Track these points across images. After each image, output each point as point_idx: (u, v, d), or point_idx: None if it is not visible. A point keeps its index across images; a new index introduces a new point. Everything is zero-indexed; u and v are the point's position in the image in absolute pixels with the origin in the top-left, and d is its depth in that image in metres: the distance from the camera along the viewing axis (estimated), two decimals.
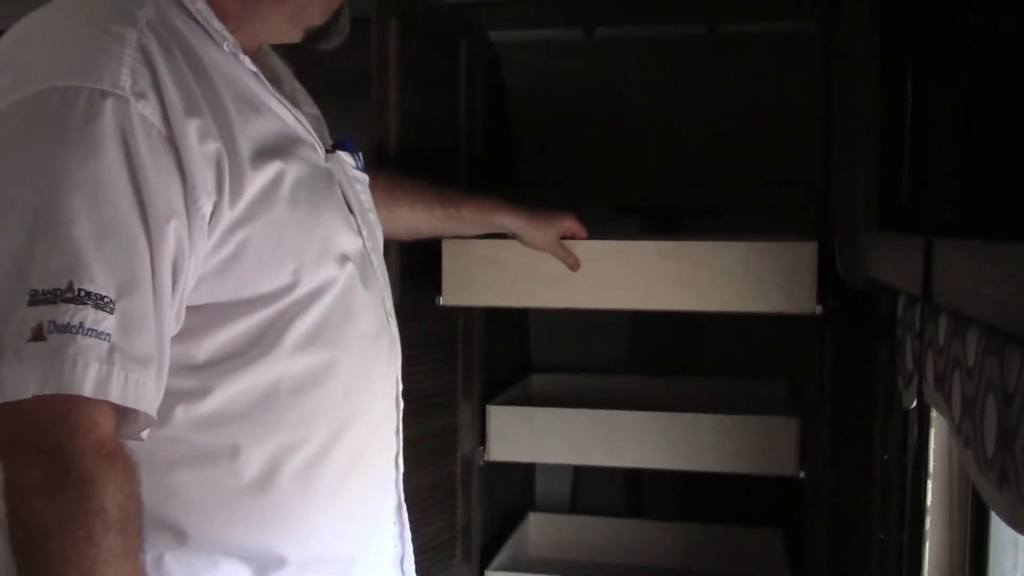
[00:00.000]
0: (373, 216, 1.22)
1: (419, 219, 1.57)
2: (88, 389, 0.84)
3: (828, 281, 1.75)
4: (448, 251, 1.79)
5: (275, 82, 1.10)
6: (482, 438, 2.03)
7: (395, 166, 1.76)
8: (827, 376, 1.83)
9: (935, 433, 1.27)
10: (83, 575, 0.85)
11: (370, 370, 1.12)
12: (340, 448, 1.07)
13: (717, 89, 2.40)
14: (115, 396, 0.86)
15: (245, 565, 1.02)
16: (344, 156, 1.18)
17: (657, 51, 2.43)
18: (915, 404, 1.23)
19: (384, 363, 1.16)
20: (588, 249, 1.72)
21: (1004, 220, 0.84)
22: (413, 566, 1.27)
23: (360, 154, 1.24)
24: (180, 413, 0.98)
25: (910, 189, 1.15)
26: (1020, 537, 1.19)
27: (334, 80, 1.34)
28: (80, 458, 0.85)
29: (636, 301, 1.75)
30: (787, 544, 2.20)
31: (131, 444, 0.91)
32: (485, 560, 2.08)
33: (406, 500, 1.23)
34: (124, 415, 0.90)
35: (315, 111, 1.19)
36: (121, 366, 0.86)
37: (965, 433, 0.92)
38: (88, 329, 0.84)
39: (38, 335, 0.83)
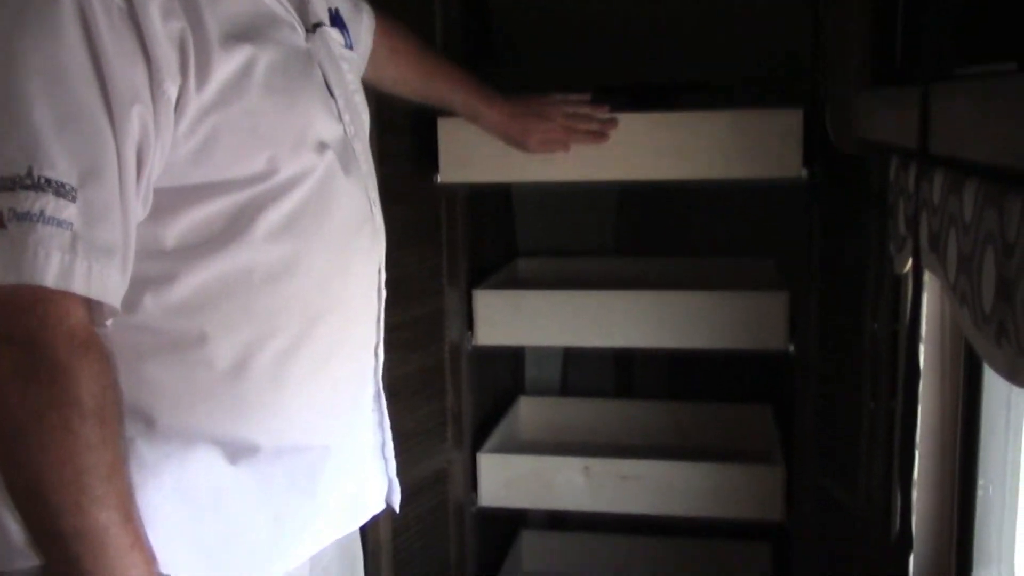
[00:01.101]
0: (359, 98, 1.18)
1: (411, 86, 1.59)
2: (50, 279, 0.82)
3: (817, 150, 1.73)
4: (444, 129, 1.81)
5: None
6: (470, 323, 2.01)
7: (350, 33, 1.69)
8: (816, 249, 1.81)
9: (927, 297, 1.25)
10: (61, 464, 0.84)
11: (349, 262, 1.09)
12: (314, 340, 1.05)
13: None
14: (79, 287, 0.84)
15: (218, 450, 1.00)
16: (332, 33, 1.14)
17: None
18: (908, 268, 1.21)
19: (365, 254, 1.13)
20: None
21: (1000, 61, 0.80)
22: (393, 452, 1.26)
23: (349, 31, 1.20)
24: (149, 300, 0.95)
25: (904, 41, 1.10)
26: (1012, 398, 1.18)
27: None
28: (53, 348, 0.84)
29: (626, 172, 1.79)
30: (777, 419, 2.21)
31: (101, 332, 0.90)
32: (476, 444, 2.08)
33: (395, 386, 1.23)
34: (90, 304, 0.88)
35: None
36: (84, 256, 0.84)
37: (961, 291, 0.90)
38: (49, 217, 0.82)
39: None
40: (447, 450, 2.00)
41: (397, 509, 1.29)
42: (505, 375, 2.47)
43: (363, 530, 1.27)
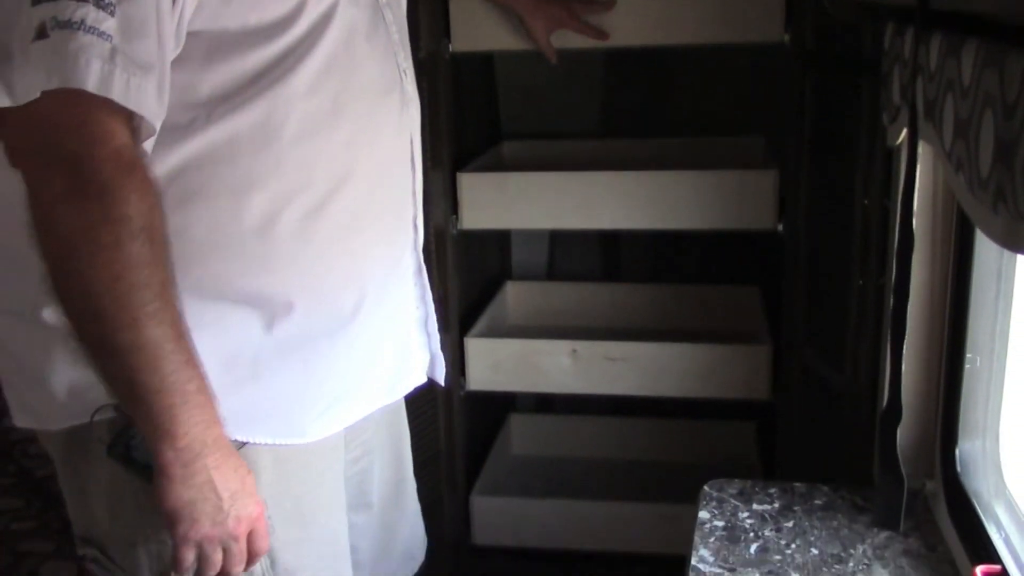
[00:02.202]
0: None
1: None
2: (92, 84, 0.84)
3: (809, 19, 1.69)
4: (455, 3, 1.89)
5: None
6: (454, 207, 1.98)
7: None
8: (807, 124, 1.78)
9: (919, 170, 1.23)
10: (114, 280, 0.87)
11: (377, 124, 1.12)
12: (342, 199, 1.08)
13: None
14: (117, 95, 0.85)
15: (253, 312, 1.04)
16: None
17: None
18: (901, 139, 1.18)
19: (394, 120, 1.15)
20: None
21: None
22: (436, 327, 1.30)
23: None
24: (179, 149, 0.97)
25: None
26: (1003, 269, 1.17)
27: None
28: (101, 167, 0.86)
29: (619, 38, 1.85)
30: (765, 300, 2.21)
31: None
32: (464, 328, 2.08)
33: None
34: (132, 128, 0.90)
35: None
36: (123, 67, 0.86)
37: (957, 157, 0.88)
38: (90, 27, 0.84)
39: (41, 33, 0.83)
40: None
41: (442, 383, 1.34)
42: (491, 260, 2.46)
43: None
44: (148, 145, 0.92)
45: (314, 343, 1.08)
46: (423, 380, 1.30)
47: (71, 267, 0.87)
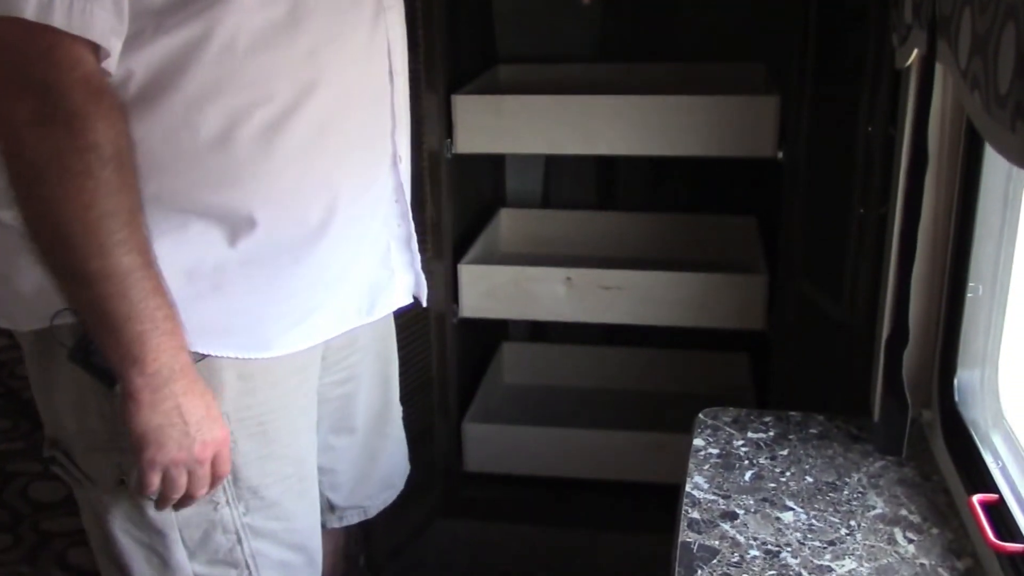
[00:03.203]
0: None
1: None
2: (30, 12, 0.83)
3: None
4: None
5: None
6: (449, 130, 1.94)
7: None
8: (811, 50, 1.73)
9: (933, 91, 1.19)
10: (85, 208, 0.87)
11: (344, 35, 1.07)
12: (306, 111, 1.04)
13: None
14: (58, 21, 0.84)
15: (215, 225, 1.02)
16: None
17: None
18: (911, 61, 1.15)
19: (366, 30, 1.10)
20: None
21: None
22: (418, 246, 1.27)
23: None
24: (130, 59, 0.94)
25: None
26: (1010, 195, 1.14)
27: None
28: (69, 94, 0.85)
29: None
30: (762, 230, 2.19)
31: None
32: (457, 255, 2.05)
33: None
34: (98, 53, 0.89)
35: None
36: None
37: (973, 74, 0.85)
38: None
39: None
40: (427, 260, 1.95)
41: (424, 303, 1.31)
42: (485, 186, 2.42)
43: None
44: (111, 64, 0.91)
45: (278, 258, 1.06)
46: (407, 301, 1.28)
47: (39, 194, 0.86)
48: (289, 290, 1.08)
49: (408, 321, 1.92)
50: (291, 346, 1.10)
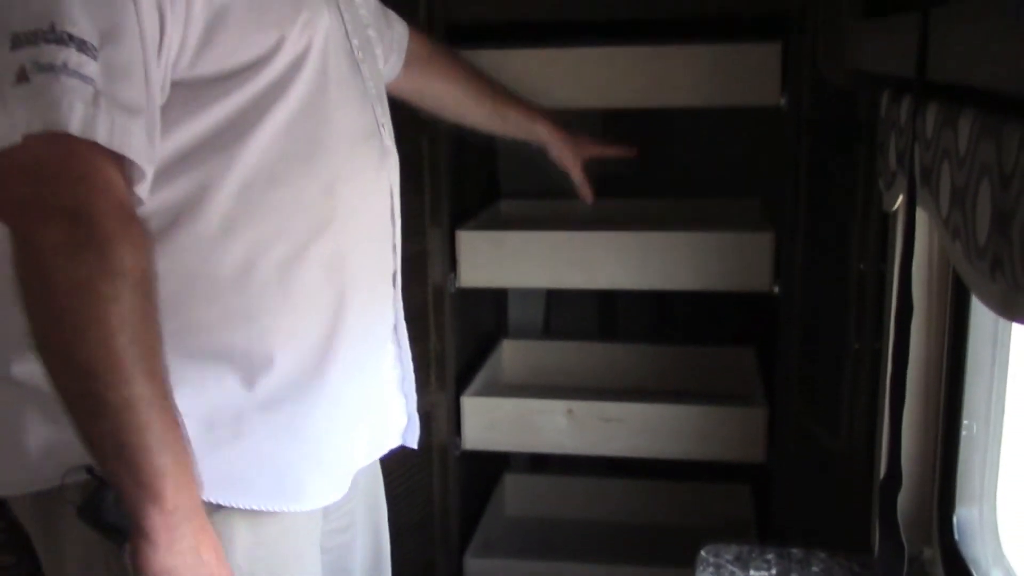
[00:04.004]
0: (372, 34, 1.22)
1: (459, 100, 1.62)
2: (75, 126, 0.82)
3: (805, 84, 1.71)
4: None
5: None
6: (453, 264, 1.99)
7: None
8: (802, 187, 1.79)
9: (916, 237, 1.23)
10: (111, 334, 0.85)
11: (356, 174, 1.11)
12: (321, 247, 1.06)
13: None
14: (102, 138, 0.84)
15: (233, 367, 1.01)
16: None
17: None
18: (897, 205, 1.19)
19: (373, 171, 1.14)
20: (578, 56, 1.89)
21: None
22: (413, 387, 1.27)
23: None
24: (156, 194, 0.95)
25: None
26: (998, 336, 1.17)
27: None
28: (103, 219, 0.84)
29: (610, 101, 1.92)
30: (761, 361, 2.21)
31: None
32: (460, 386, 2.07)
33: None
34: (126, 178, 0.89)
35: None
36: (107, 111, 0.85)
37: (954, 225, 0.89)
38: (72, 70, 0.83)
39: (22, 77, 0.82)
40: (431, 393, 1.98)
41: (415, 446, 1.30)
42: (488, 317, 2.46)
43: None
44: (143, 191, 0.91)
45: (294, 399, 1.05)
46: (397, 443, 1.27)
47: (66, 321, 0.84)
48: (306, 434, 1.06)
49: (409, 455, 1.92)
50: (310, 499, 1.08)
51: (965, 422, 1.21)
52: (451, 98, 1.59)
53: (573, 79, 1.88)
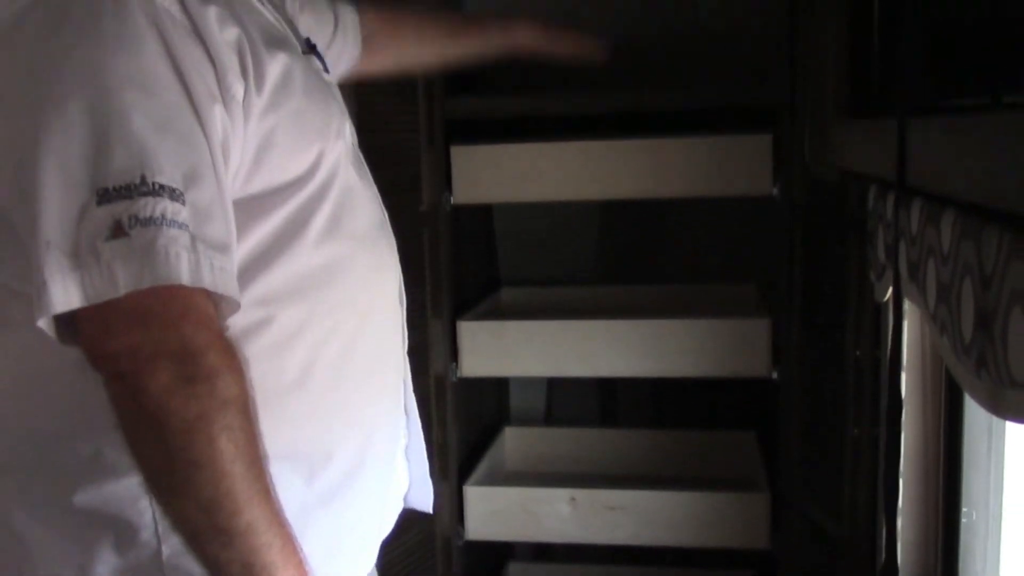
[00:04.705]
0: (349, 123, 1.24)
1: (434, 51, 1.63)
2: (186, 278, 0.84)
3: (797, 173, 1.76)
4: (456, 157, 1.97)
5: None
6: (454, 354, 2.01)
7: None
8: (797, 274, 1.83)
9: (907, 325, 1.26)
10: (231, 461, 0.86)
11: (381, 261, 1.15)
12: (366, 338, 1.09)
13: None
14: (208, 283, 0.85)
15: (294, 466, 1.02)
16: (314, 60, 1.20)
17: None
18: (888, 297, 1.22)
19: (389, 257, 1.18)
20: (574, 149, 1.95)
21: (976, 94, 0.81)
22: (424, 453, 1.30)
23: (324, 60, 1.25)
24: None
25: (881, 72, 1.11)
26: (993, 425, 1.19)
27: None
28: (207, 353, 0.85)
29: (608, 192, 1.97)
30: (762, 445, 2.21)
31: None
32: (463, 476, 2.07)
33: None
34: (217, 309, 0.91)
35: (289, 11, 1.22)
36: (205, 254, 0.86)
37: (941, 320, 0.91)
38: (170, 220, 0.84)
39: (118, 232, 0.82)
40: (434, 483, 1.98)
41: (429, 510, 1.33)
42: (490, 404, 2.47)
43: None
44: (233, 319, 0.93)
45: (347, 488, 1.08)
46: (400, 507, 1.29)
47: (184, 459, 0.85)
48: (353, 520, 1.09)
49: (412, 546, 1.93)
50: (359, 570, 1.12)
51: (964, 509, 1.22)
52: (428, 48, 1.62)
53: (570, 172, 1.93)
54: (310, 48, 1.18)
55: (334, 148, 1.06)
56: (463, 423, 2.10)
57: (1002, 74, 0.74)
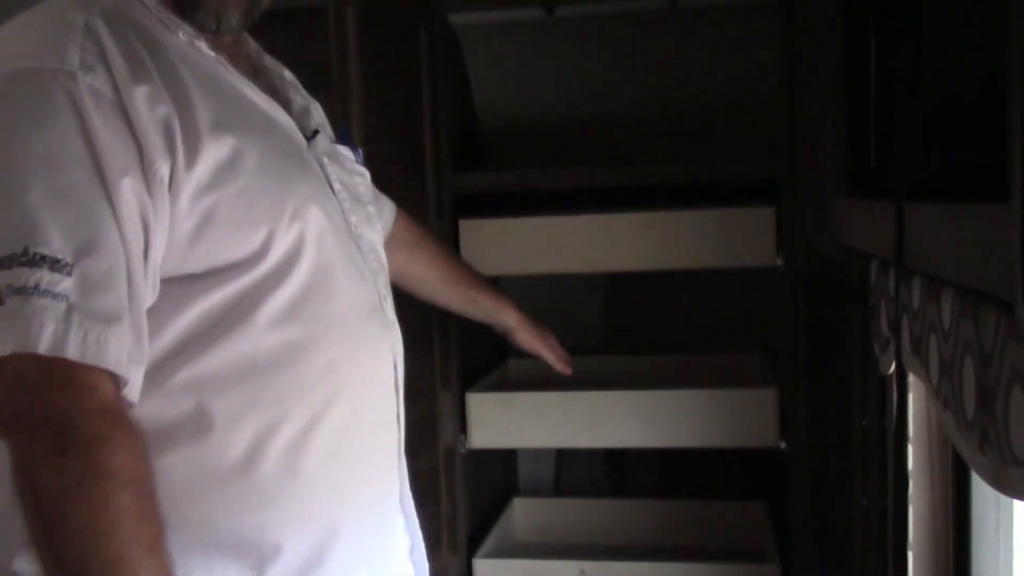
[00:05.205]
0: (372, 209, 1.23)
1: (436, 284, 1.65)
2: (44, 346, 0.84)
3: (800, 244, 1.78)
4: (465, 230, 2.04)
5: (254, 71, 1.13)
6: (463, 426, 2.02)
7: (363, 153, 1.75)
8: (802, 344, 1.84)
9: (913, 397, 1.27)
10: (106, 537, 0.85)
11: (358, 350, 1.10)
12: (325, 428, 1.05)
13: (680, 63, 2.39)
14: (72, 353, 0.86)
15: (240, 558, 1.00)
16: (343, 150, 1.20)
17: (619, 27, 2.42)
18: (892, 370, 1.23)
19: (375, 345, 1.14)
20: (581, 223, 2.00)
21: (972, 177, 0.84)
22: (424, 555, 1.25)
23: (360, 150, 1.26)
24: (153, 391, 0.96)
25: (877, 151, 1.14)
26: (1001, 497, 1.19)
27: (294, 68, 1.34)
28: (86, 422, 0.86)
29: (617, 264, 2.02)
30: (771, 515, 2.21)
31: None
32: (472, 548, 2.07)
33: None
34: (116, 381, 0.90)
35: (303, 101, 1.21)
36: (79, 324, 0.86)
37: (944, 396, 0.92)
38: (44, 290, 0.85)
39: None
40: (443, 556, 1.98)
41: None
42: (498, 475, 2.47)
43: None
44: (132, 392, 0.92)
45: None
46: None
47: (58, 527, 0.85)
48: None
49: None
50: None
51: None
52: (428, 282, 1.63)
53: (576, 246, 1.97)
54: (342, 140, 1.20)
55: (289, 230, 1.02)
56: (472, 495, 2.10)
57: (993, 161, 0.77)
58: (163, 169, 0.93)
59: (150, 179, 0.93)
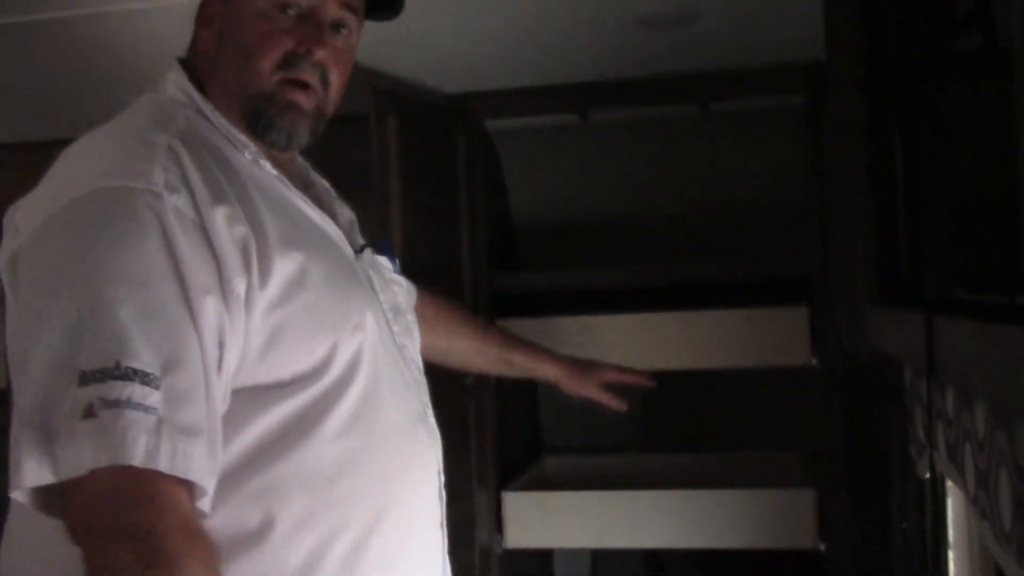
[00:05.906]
0: (411, 318, 1.27)
1: (466, 352, 1.65)
2: (138, 459, 0.86)
3: (834, 345, 1.79)
4: None
5: (305, 186, 1.18)
6: (499, 526, 2.02)
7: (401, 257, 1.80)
8: (841, 445, 1.83)
9: (952, 501, 1.26)
10: None
11: (407, 459, 1.13)
12: (381, 535, 1.07)
13: (712, 165, 2.44)
14: (163, 465, 0.87)
15: None
16: (382, 260, 1.24)
17: (652, 132, 2.47)
18: (929, 474, 1.23)
19: (422, 454, 1.16)
20: (617, 323, 2.03)
21: (1002, 288, 0.85)
22: None
23: (397, 260, 1.30)
24: (226, 505, 0.98)
25: (908, 261, 1.16)
26: None
27: (335, 174, 1.39)
28: (170, 537, 0.87)
29: (653, 362, 1.93)
30: None
31: None
32: None
33: None
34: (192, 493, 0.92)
35: (349, 214, 1.25)
36: (168, 437, 0.88)
37: (982, 506, 0.92)
38: (135, 404, 0.87)
39: (89, 413, 0.86)
40: None
41: None
42: (533, 574, 2.44)
43: None
44: (205, 504, 0.94)
45: None
46: None
47: None
48: None
49: None
50: None
51: None
52: (457, 351, 1.64)
53: (613, 345, 1.98)
54: (381, 249, 1.24)
55: (351, 341, 1.06)
56: None
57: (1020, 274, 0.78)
58: (240, 287, 0.97)
59: (228, 296, 0.96)
